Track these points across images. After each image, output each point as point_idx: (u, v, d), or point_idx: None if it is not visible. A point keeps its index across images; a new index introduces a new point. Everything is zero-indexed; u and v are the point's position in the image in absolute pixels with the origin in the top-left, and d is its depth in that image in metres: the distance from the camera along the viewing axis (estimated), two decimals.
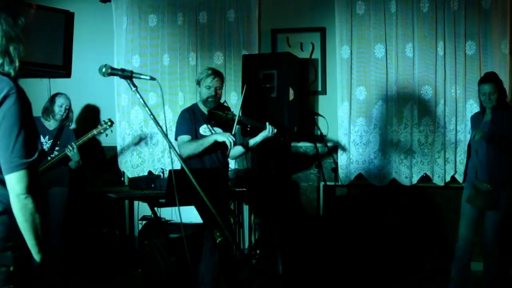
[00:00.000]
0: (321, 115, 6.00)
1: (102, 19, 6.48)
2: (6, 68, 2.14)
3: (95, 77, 6.01)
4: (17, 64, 2.17)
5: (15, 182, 2.05)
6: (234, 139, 4.42)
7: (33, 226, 2.09)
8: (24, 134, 2.06)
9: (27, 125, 2.08)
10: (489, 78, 4.71)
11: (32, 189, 2.06)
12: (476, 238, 4.75)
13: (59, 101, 5.51)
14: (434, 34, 5.71)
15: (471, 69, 5.65)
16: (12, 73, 2.15)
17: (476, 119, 4.85)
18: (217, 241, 2.81)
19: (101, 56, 6.35)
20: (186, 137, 4.58)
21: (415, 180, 5.78)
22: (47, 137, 5.44)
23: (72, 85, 6.36)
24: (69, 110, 5.60)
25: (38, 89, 6.18)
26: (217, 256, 3.44)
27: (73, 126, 5.87)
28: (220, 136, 4.48)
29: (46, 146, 5.40)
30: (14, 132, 2.04)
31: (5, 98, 2.03)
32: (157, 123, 2.77)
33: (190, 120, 4.66)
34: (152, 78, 2.88)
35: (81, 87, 6.45)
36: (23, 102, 2.09)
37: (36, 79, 6.30)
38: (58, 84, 6.30)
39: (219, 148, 4.66)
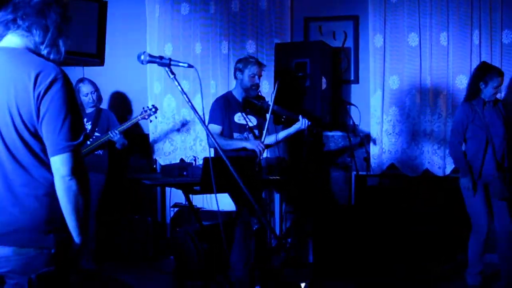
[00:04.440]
0: (353, 104, 5.96)
1: (135, 7, 6.51)
2: (52, 57, 2.25)
3: (128, 65, 6.15)
4: (62, 56, 2.29)
5: (60, 164, 2.10)
6: (263, 147, 4.51)
7: (76, 208, 2.14)
8: (71, 117, 2.12)
9: (73, 108, 2.16)
10: (500, 71, 4.69)
11: (76, 171, 2.12)
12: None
13: (83, 90, 5.57)
14: (470, 23, 5.61)
15: (507, 58, 5.55)
16: (57, 62, 2.25)
17: (471, 110, 4.71)
18: (254, 228, 2.83)
19: (134, 44, 6.39)
20: (217, 128, 4.66)
21: (448, 170, 5.73)
22: (85, 119, 5.51)
23: (105, 73, 6.41)
24: (96, 93, 5.65)
25: (72, 77, 6.22)
26: (253, 243, 3.47)
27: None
28: (250, 144, 4.60)
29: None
30: (61, 115, 2.10)
31: (52, 82, 2.10)
32: (195, 112, 2.79)
33: (223, 109, 4.73)
34: (190, 66, 2.90)
35: (114, 75, 6.50)
36: (69, 87, 2.16)
37: (70, 67, 6.36)
38: (91, 72, 6.35)
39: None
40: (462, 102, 4.88)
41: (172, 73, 2.84)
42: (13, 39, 2.23)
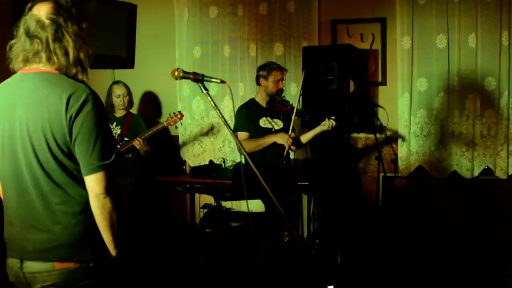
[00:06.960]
0: (381, 106, 5.97)
1: (164, 10, 6.59)
2: (80, 76, 2.28)
3: (157, 68, 6.27)
4: (88, 71, 2.31)
5: (94, 183, 2.19)
6: (292, 140, 4.55)
7: (111, 224, 2.24)
8: (102, 138, 2.19)
9: (104, 128, 2.23)
10: None
11: (110, 189, 2.21)
12: None
13: (116, 92, 5.69)
14: (499, 24, 5.53)
15: None
16: (86, 80, 2.29)
17: None
18: (285, 240, 2.88)
19: (163, 47, 6.51)
20: (244, 134, 4.74)
21: (476, 173, 5.71)
22: (114, 123, 5.61)
23: (135, 75, 6.49)
24: (128, 96, 5.76)
25: (102, 80, 6.31)
26: (284, 255, 3.54)
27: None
28: (279, 138, 4.66)
29: (114, 132, 5.55)
30: (93, 136, 2.17)
31: (84, 103, 2.16)
32: (227, 126, 2.85)
33: (249, 116, 4.82)
34: (222, 81, 2.97)
35: (143, 77, 6.59)
36: (99, 107, 2.22)
37: (100, 70, 6.46)
38: (121, 75, 6.42)
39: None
40: None
41: (205, 88, 2.91)
42: (40, 66, 2.26)
